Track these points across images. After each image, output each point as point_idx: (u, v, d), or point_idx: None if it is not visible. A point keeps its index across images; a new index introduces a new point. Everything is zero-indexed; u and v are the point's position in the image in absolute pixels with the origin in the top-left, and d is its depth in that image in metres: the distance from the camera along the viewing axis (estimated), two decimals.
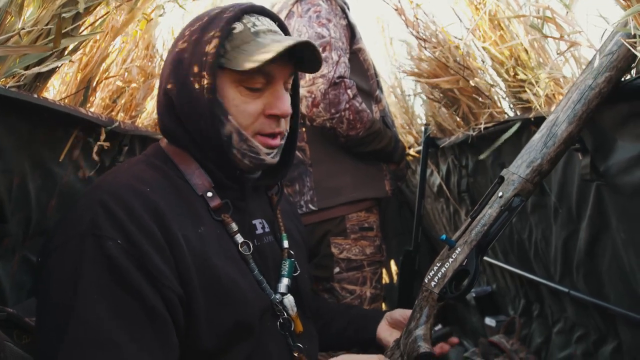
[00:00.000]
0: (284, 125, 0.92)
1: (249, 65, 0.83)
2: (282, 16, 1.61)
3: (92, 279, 0.70)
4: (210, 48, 0.83)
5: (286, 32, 0.96)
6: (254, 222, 0.95)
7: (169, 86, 0.88)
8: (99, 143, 1.19)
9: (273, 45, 0.84)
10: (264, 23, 0.90)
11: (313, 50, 0.88)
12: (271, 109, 0.88)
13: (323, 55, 1.49)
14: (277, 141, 0.91)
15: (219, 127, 0.85)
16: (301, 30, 1.54)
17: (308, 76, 1.49)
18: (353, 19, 1.68)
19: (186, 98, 0.85)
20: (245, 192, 0.93)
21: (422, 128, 2.08)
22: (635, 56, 0.86)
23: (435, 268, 0.97)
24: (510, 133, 1.31)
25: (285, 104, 0.89)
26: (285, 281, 0.96)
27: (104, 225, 0.73)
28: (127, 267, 0.72)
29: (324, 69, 1.48)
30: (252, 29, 0.87)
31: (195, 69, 0.84)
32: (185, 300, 0.78)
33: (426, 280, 0.97)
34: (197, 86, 0.84)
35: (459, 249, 0.95)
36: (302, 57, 0.91)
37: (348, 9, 1.69)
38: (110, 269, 0.71)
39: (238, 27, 0.87)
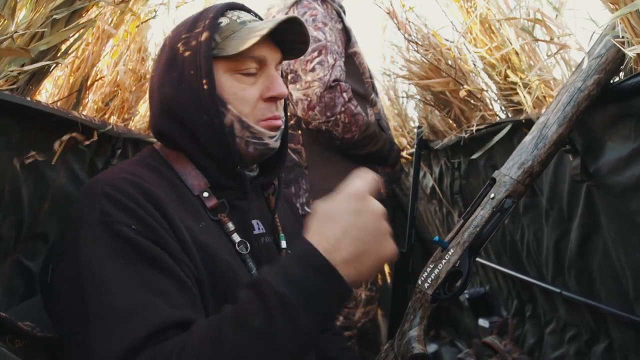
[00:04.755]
0: (281, 109, 0.93)
1: (249, 43, 0.83)
2: None
3: (119, 261, 0.70)
4: (202, 42, 0.85)
5: None
6: (252, 222, 0.95)
7: (164, 87, 0.88)
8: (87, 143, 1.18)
9: (265, 24, 0.86)
10: (247, 16, 0.92)
11: (300, 25, 0.89)
12: (269, 92, 0.89)
13: (318, 58, 1.50)
14: (279, 122, 0.92)
15: (221, 119, 0.86)
16: None
17: (304, 79, 1.50)
18: (348, 23, 1.69)
19: (186, 96, 0.85)
20: (245, 189, 0.93)
21: (415, 130, 2.09)
22: (624, 58, 0.88)
23: (429, 269, 0.98)
24: (502, 135, 1.32)
25: (281, 86, 0.89)
26: None
27: (114, 212, 0.72)
28: (148, 245, 0.71)
29: (319, 72, 1.49)
30: (238, 20, 0.89)
31: (191, 65, 0.85)
32: (199, 282, 0.77)
33: (419, 282, 0.98)
34: (195, 82, 0.84)
35: (451, 251, 0.96)
36: (289, 41, 0.92)
37: (344, 13, 1.71)
38: (134, 250, 0.71)
39: (224, 20, 0.89)
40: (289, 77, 1.55)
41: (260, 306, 0.64)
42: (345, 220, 0.68)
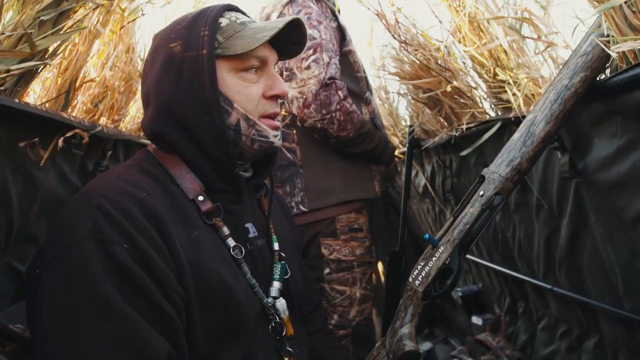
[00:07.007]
0: (278, 107, 0.96)
1: (257, 43, 0.85)
2: (273, 18, 1.62)
3: (105, 284, 0.70)
4: (204, 42, 0.85)
5: None
6: (246, 225, 0.95)
7: (161, 88, 0.87)
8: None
9: (270, 24, 0.88)
10: (244, 17, 0.94)
11: (299, 27, 0.92)
12: (272, 90, 0.92)
13: (314, 56, 1.51)
14: (278, 122, 0.95)
15: (223, 119, 0.86)
16: None
17: (299, 77, 1.50)
18: (343, 22, 1.70)
19: (185, 96, 0.85)
20: (240, 193, 0.93)
21: (407, 129, 2.10)
22: (609, 56, 0.89)
23: (419, 267, 0.98)
24: (491, 133, 1.33)
25: (283, 84, 0.93)
26: (276, 285, 0.96)
27: (107, 230, 0.73)
28: (137, 271, 0.72)
29: (315, 70, 1.49)
30: (238, 21, 0.91)
31: (193, 65, 0.85)
32: (186, 304, 0.78)
33: (410, 280, 0.98)
34: (196, 81, 0.84)
35: (442, 248, 0.96)
36: (282, 42, 0.94)
37: (338, 11, 1.71)
38: (121, 274, 0.71)
39: (223, 21, 0.90)
40: (284, 75, 1.55)
41: None
42: None
